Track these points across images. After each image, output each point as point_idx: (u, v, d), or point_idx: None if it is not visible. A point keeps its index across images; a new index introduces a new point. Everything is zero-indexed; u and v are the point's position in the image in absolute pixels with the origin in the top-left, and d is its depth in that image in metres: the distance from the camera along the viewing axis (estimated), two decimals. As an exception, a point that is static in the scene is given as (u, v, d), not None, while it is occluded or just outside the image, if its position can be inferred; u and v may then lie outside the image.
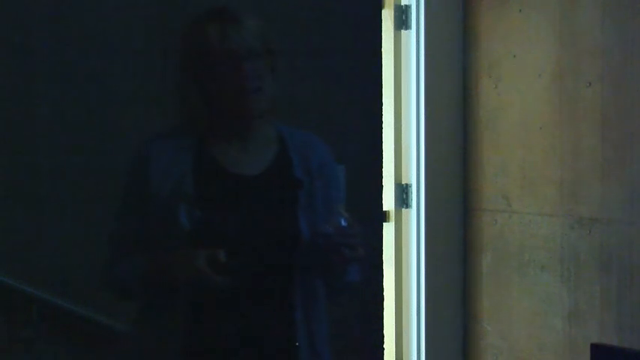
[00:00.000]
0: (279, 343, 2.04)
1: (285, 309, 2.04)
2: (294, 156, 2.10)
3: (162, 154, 2.05)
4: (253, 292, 2.02)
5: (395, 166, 3.82)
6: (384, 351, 3.54)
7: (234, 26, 2.02)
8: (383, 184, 3.59)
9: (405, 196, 3.81)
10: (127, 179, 2.11)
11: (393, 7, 3.78)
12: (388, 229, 3.79)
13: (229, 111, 2.04)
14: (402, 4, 3.78)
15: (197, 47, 2.03)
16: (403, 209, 3.83)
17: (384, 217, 3.74)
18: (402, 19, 3.79)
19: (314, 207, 2.08)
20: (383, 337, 3.50)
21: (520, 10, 3.60)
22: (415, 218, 3.78)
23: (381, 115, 3.52)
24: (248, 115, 2.05)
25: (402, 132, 3.81)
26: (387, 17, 3.78)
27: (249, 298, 2.02)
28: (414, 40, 3.76)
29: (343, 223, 1.99)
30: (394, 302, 3.81)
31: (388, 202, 3.78)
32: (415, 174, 3.78)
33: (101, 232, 2.15)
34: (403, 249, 3.83)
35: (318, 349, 2.09)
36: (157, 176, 2.03)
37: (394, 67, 3.80)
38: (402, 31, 3.80)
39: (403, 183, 3.82)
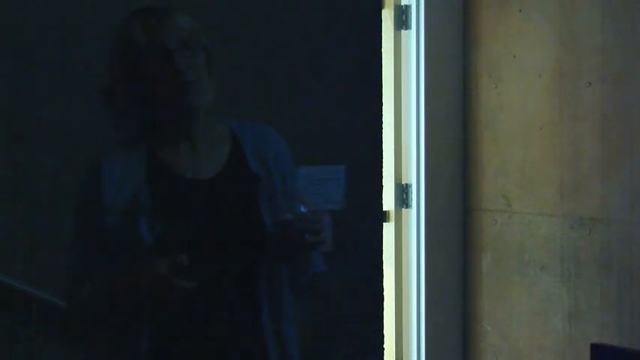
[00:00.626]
0: (246, 344, 2.01)
1: (252, 310, 2.01)
2: (248, 151, 2.06)
3: (114, 167, 1.99)
4: (221, 295, 1.99)
5: (395, 166, 3.82)
6: (384, 351, 3.54)
7: (162, 22, 1.98)
8: (383, 184, 3.59)
9: (405, 196, 3.81)
10: (80, 195, 2.05)
11: (393, 7, 3.78)
12: (388, 229, 3.79)
13: (167, 107, 1.99)
14: (402, 4, 3.78)
15: (126, 46, 1.99)
16: (403, 209, 3.83)
17: (384, 217, 3.74)
18: (402, 19, 3.79)
19: (275, 200, 2.05)
20: (383, 337, 3.50)
21: (520, 10, 3.60)
22: (415, 218, 3.78)
23: (381, 115, 3.52)
24: (187, 108, 2.00)
25: (402, 132, 3.81)
26: (387, 17, 3.78)
27: (216, 301, 1.99)
28: (414, 40, 3.76)
29: (302, 209, 1.97)
30: (394, 302, 3.81)
31: (388, 202, 3.78)
32: (415, 174, 3.78)
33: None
34: (403, 249, 3.82)
35: (288, 350, 2.06)
36: (111, 190, 1.98)
37: (394, 67, 3.80)
38: (402, 31, 3.80)
39: (403, 183, 3.82)
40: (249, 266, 2.01)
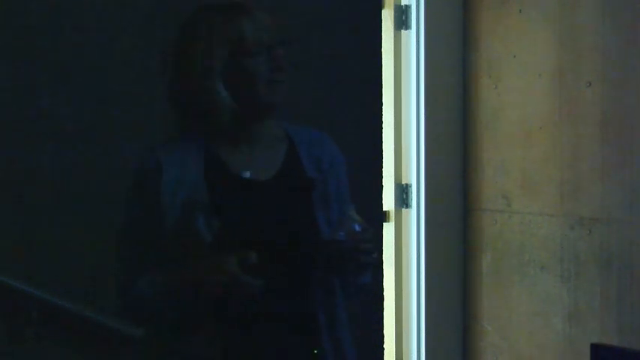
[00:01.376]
0: (305, 346, 2.01)
1: (310, 312, 2.01)
2: (303, 155, 2.06)
3: (172, 163, 1.97)
4: (282, 297, 1.98)
5: (395, 166, 3.81)
6: (384, 351, 3.54)
7: (257, 18, 1.98)
8: (383, 184, 3.59)
9: (405, 196, 3.81)
10: (134, 190, 2.01)
11: (393, 7, 3.78)
12: (388, 229, 3.78)
13: (254, 103, 1.99)
14: (402, 4, 3.78)
15: (227, 41, 1.97)
16: (403, 209, 3.82)
17: (384, 217, 3.73)
18: (402, 19, 3.79)
19: (329, 205, 2.05)
20: (383, 337, 3.50)
21: (520, 10, 3.60)
22: (415, 218, 3.78)
23: (381, 115, 3.52)
24: (271, 106, 2.00)
25: (402, 132, 3.81)
26: (387, 17, 3.78)
27: (278, 303, 1.98)
28: (414, 40, 3.76)
29: (357, 228, 1.96)
30: (394, 302, 3.81)
31: (388, 202, 3.78)
32: (415, 174, 3.78)
33: (103, 232, 2.13)
34: (403, 249, 3.82)
35: (345, 351, 2.06)
36: (169, 186, 1.95)
37: (394, 67, 3.79)
38: (402, 31, 3.80)
39: (403, 183, 3.82)
40: (306, 269, 2.00)
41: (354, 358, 2.08)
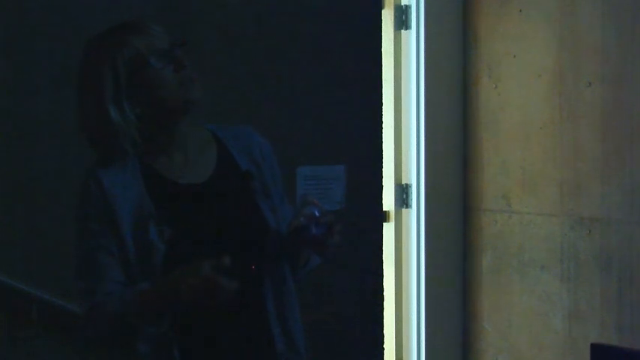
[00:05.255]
0: (252, 333, 2.04)
1: (258, 299, 2.05)
2: (234, 150, 2.12)
3: (114, 180, 2.01)
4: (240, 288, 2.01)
5: (395, 166, 3.82)
6: (384, 351, 3.54)
7: (150, 31, 2.03)
8: (383, 184, 3.59)
9: (405, 196, 3.81)
10: (83, 212, 2.03)
11: (393, 7, 3.78)
12: (388, 229, 3.79)
13: (171, 103, 2.03)
14: (402, 4, 3.78)
15: (130, 57, 2.02)
16: (403, 209, 3.83)
17: (384, 217, 3.74)
18: (402, 19, 3.79)
19: (269, 192, 2.11)
20: (383, 337, 3.50)
21: (520, 10, 3.60)
22: (415, 218, 3.78)
23: (381, 115, 3.53)
24: (191, 101, 2.04)
25: (402, 132, 3.81)
26: (387, 17, 3.78)
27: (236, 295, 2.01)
28: (414, 40, 3.76)
29: (317, 212, 2.00)
30: (394, 302, 3.81)
31: (388, 202, 3.78)
32: (415, 174, 3.78)
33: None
34: (403, 249, 3.82)
35: (294, 337, 2.10)
36: (115, 204, 1.99)
37: (394, 67, 3.80)
38: (402, 31, 3.80)
39: (403, 183, 3.82)
40: (259, 259, 2.04)
41: (302, 342, 2.12)
